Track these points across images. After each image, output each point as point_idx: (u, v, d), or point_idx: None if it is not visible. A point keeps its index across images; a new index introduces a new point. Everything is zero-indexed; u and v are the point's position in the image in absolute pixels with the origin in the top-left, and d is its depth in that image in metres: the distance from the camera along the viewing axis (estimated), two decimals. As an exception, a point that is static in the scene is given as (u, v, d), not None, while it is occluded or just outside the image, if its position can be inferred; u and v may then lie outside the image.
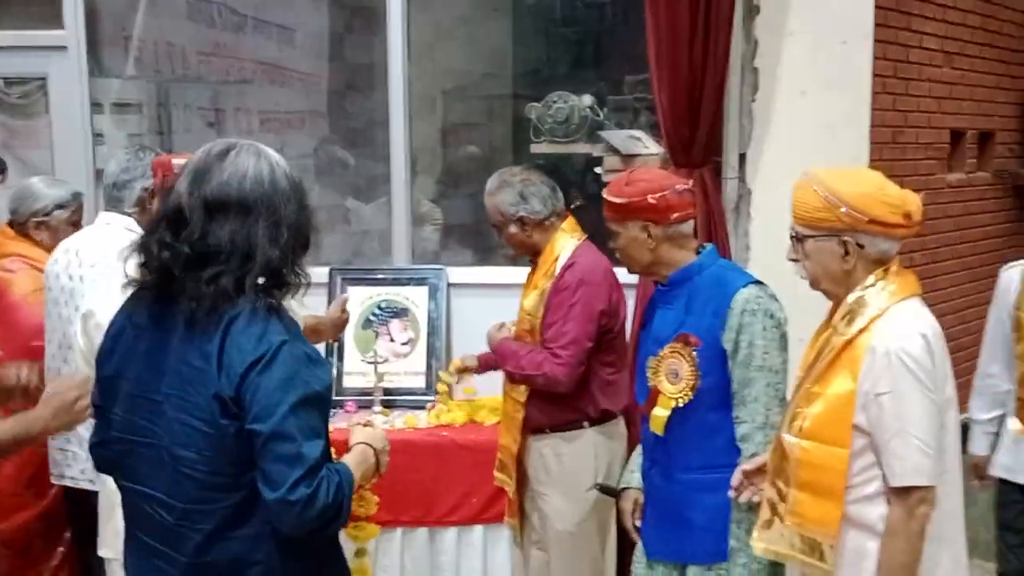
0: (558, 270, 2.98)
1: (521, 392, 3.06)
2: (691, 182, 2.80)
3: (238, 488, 1.84)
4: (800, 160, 3.29)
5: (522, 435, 3.10)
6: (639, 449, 2.73)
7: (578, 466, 3.03)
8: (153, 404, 1.89)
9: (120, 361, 1.96)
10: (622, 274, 2.92)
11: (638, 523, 2.68)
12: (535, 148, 3.93)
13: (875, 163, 3.70)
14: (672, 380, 2.43)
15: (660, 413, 2.44)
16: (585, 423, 3.03)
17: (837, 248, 2.10)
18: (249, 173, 1.90)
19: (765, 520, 2.21)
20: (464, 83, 5.62)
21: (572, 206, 3.13)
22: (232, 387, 1.79)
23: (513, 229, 3.07)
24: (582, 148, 3.86)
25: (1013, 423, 3.07)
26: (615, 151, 3.70)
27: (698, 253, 2.56)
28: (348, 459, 2.04)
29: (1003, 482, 3.13)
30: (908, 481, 1.98)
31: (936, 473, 2.00)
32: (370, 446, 2.11)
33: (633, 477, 2.71)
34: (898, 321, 2.04)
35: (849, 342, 2.07)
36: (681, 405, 2.41)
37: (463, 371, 3.34)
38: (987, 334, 3.18)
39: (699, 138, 3.36)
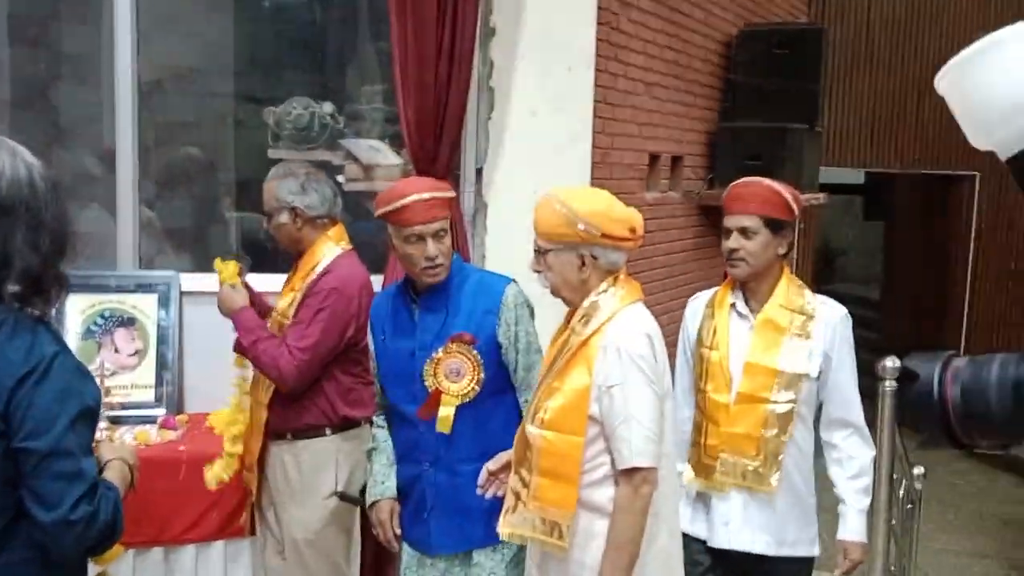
0: (316, 275, 2.97)
1: (264, 393, 3.03)
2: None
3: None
4: (530, 176, 3.55)
5: (265, 439, 3.07)
6: (381, 459, 2.78)
7: (318, 472, 3.03)
8: None
9: None
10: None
11: (398, 531, 2.73)
12: (272, 153, 3.86)
13: (593, 181, 4.01)
14: (454, 379, 2.55)
15: (446, 412, 2.56)
16: (327, 429, 3.04)
17: (575, 260, 2.31)
18: (6, 173, 1.76)
19: (509, 506, 2.38)
20: (180, 79, 5.36)
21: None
22: (0, 403, 1.65)
23: (284, 219, 3.02)
24: (322, 156, 3.85)
25: (687, 471, 2.81)
26: (355, 160, 3.74)
27: None
28: (109, 476, 1.94)
29: (685, 536, 2.69)
30: (634, 463, 2.22)
31: (658, 456, 2.26)
32: (125, 462, 2.02)
33: (386, 488, 2.76)
34: (626, 322, 2.29)
35: (585, 341, 2.28)
36: (469, 400, 2.56)
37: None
38: (675, 374, 2.80)
39: (443, 152, 3.48)
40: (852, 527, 2.75)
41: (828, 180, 7.32)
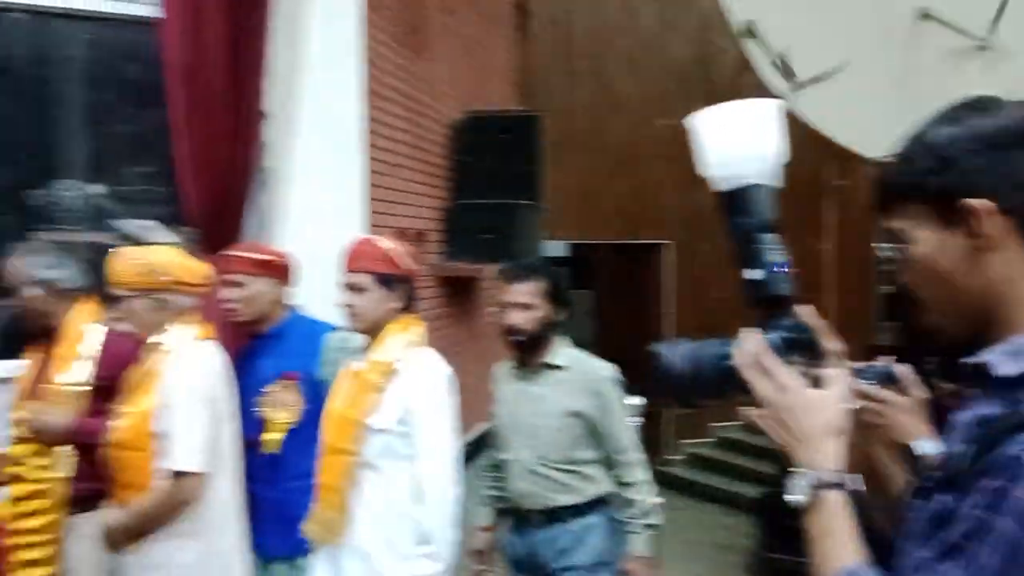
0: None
1: None
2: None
3: None
4: (309, 252, 3.73)
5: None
6: None
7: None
8: None
9: None
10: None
11: None
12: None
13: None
14: (279, 409, 2.97)
15: (271, 436, 2.99)
16: None
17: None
18: None
19: None
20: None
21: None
22: None
23: (34, 291, 3.04)
24: (91, 236, 3.79)
25: None
26: (130, 239, 3.72)
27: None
28: None
29: None
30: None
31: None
32: None
33: None
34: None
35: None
36: (294, 426, 2.97)
37: None
38: None
39: (227, 228, 3.58)
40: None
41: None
